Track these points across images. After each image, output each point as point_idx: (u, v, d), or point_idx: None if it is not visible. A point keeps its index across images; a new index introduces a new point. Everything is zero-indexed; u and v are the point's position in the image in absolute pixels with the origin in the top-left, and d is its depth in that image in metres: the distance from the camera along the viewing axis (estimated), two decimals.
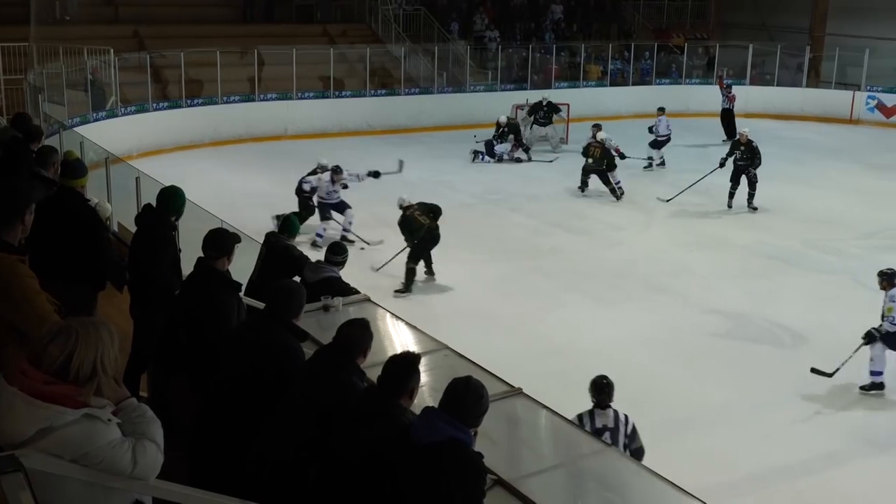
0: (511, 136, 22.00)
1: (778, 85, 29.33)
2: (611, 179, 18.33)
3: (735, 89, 25.42)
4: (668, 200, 17.79)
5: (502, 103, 24.80)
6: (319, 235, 14.85)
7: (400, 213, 13.43)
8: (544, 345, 11.09)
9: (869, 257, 14.77)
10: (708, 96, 27.23)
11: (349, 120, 24.61)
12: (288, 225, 8.26)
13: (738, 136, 16.93)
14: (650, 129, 21.36)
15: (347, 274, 7.94)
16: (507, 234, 15.85)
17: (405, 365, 4.18)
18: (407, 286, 12.77)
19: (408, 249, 13.07)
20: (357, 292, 7.00)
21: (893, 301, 10.32)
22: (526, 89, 26.84)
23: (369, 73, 25.38)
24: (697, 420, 9.34)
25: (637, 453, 6.85)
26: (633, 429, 6.96)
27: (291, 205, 14.59)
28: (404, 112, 25.27)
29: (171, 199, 6.56)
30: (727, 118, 24.86)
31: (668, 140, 21.28)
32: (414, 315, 6.58)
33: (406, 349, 5.24)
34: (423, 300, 11.98)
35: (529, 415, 5.17)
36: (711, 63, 29.85)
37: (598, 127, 19.33)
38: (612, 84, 28.77)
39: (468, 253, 14.57)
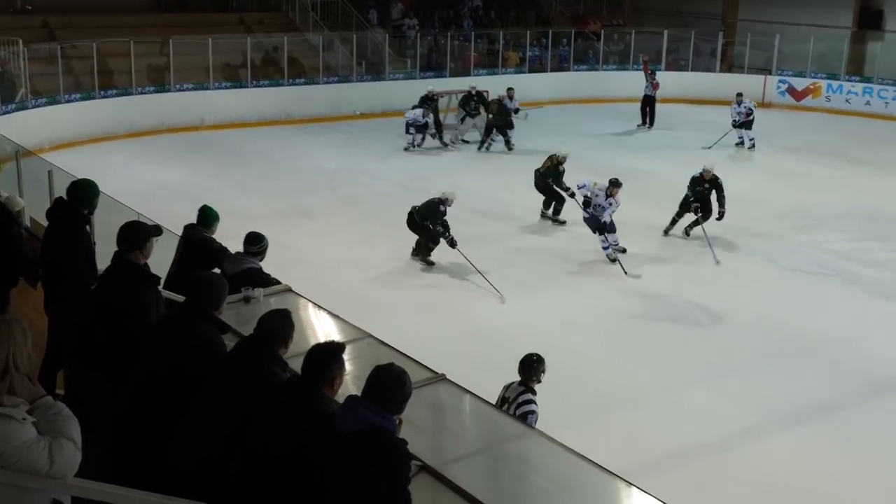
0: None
1: (692, 70, 29.85)
2: (508, 133, 21.42)
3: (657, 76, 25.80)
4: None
5: (422, 91, 24.73)
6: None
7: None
8: (469, 330, 11.15)
9: (784, 237, 15.19)
10: (624, 82, 27.63)
11: (267, 109, 24.34)
12: (205, 216, 8.14)
13: (702, 174, 15.10)
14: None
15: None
16: None
17: (327, 354, 4.16)
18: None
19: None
20: (278, 283, 6.94)
21: None
22: (445, 76, 26.88)
23: (287, 62, 25.14)
24: (618, 400, 9.48)
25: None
26: (524, 416, 6.65)
27: (210, 196, 14.32)
28: (323, 101, 25.09)
29: (83, 192, 6.42)
30: (648, 104, 25.20)
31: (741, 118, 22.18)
32: (336, 304, 6.54)
33: (329, 338, 5.23)
34: (344, 289, 11.91)
35: (453, 400, 5.19)
36: (628, 49, 30.21)
37: (511, 90, 21.78)
38: (531, 71, 28.94)
39: (388, 240, 14.54)
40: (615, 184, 13.70)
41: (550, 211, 16.18)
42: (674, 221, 15.26)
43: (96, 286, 5.64)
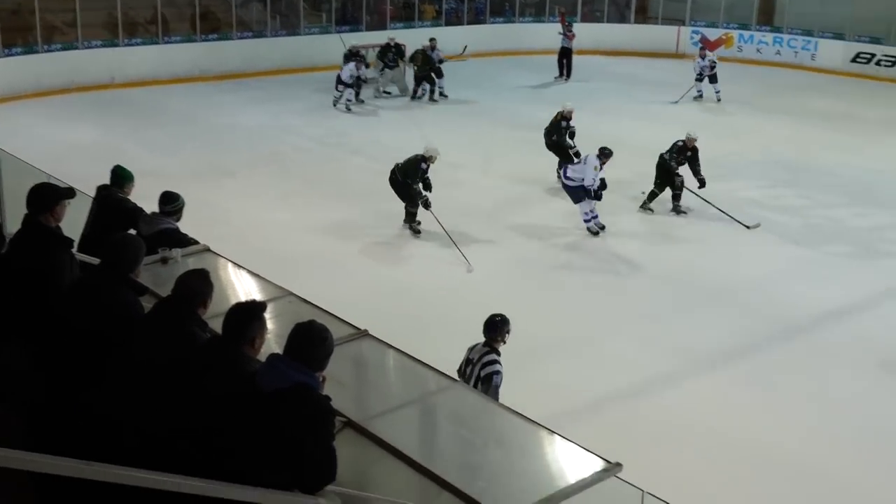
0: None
1: (608, 21, 30.03)
2: (436, 83, 21.76)
3: (551, 26, 25.93)
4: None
5: (338, 45, 24.48)
6: None
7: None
8: (391, 286, 11.16)
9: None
10: (540, 34, 27.67)
11: (179, 66, 23.75)
12: (119, 176, 7.95)
13: (685, 141, 14.37)
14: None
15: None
16: (349, 178, 15.77)
17: (247, 313, 4.13)
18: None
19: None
20: (196, 242, 6.85)
21: None
22: (361, 30, 26.59)
23: (199, 16, 24.56)
24: (541, 351, 9.59)
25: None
26: (488, 377, 6.68)
27: (123, 156, 14.03)
28: (238, 57, 24.60)
29: None
30: (565, 56, 25.30)
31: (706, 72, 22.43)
32: (256, 263, 6.48)
33: (250, 297, 5.19)
34: (265, 248, 11.81)
35: (376, 355, 5.20)
36: (544, 1, 30.21)
37: (434, 40, 22.20)
38: (448, 23, 28.77)
39: (309, 197, 14.46)
40: (606, 154, 13.05)
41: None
42: (653, 195, 14.31)
43: (6, 251, 5.49)
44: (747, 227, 13.50)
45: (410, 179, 12.97)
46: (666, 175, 14.16)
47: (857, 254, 12.75)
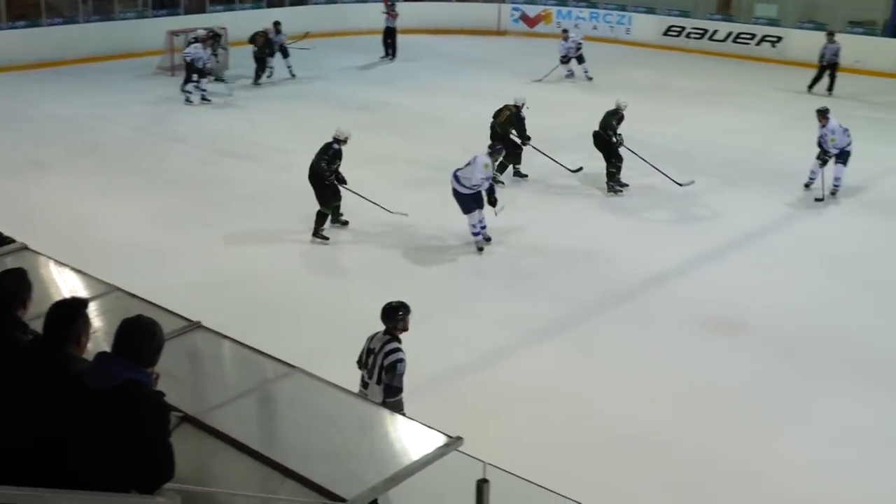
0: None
1: (430, 0, 30.19)
2: (267, 63, 21.68)
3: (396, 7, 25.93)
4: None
5: (156, 30, 23.76)
6: None
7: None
8: (223, 276, 10.94)
9: (525, 159, 15.75)
10: (365, 14, 27.60)
11: None
12: None
13: (617, 108, 14.76)
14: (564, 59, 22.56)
15: None
16: (173, 166, 15.35)
17: (70, 310, 3.98)
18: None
19: None
20: (12, 241, 6.53)
21: (833, 133, 14.01)
22: (179, 14, 25.84)
23: (5, 3, 23.30)
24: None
25: (388, 390, 6.66)
26: (392, 364, 6.65)
27: None
28: (49, 44, 23.47)
29: None
30: (390, 36, 25.33)
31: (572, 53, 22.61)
32: (79, 259, 6.23)
33: (75, 295, 4.99)
34: (87, 242, 11.37)
35: (211, 347, 5.11)
36: None
37: (278, 23, 22.16)
38: (270, 5, 28.28)
39: (133, 189, 14.01)
40: (498, 150, 12.56)
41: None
42: (612, 174, 14.50)
43: None
44: (680, 185, 14.18)
45: (324, 162, 12.19)
46: (608, 148, 14.49)
47: (675, 220, 13.33)
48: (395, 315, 6.84)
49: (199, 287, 10.17)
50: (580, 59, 22.90)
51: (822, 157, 14.23)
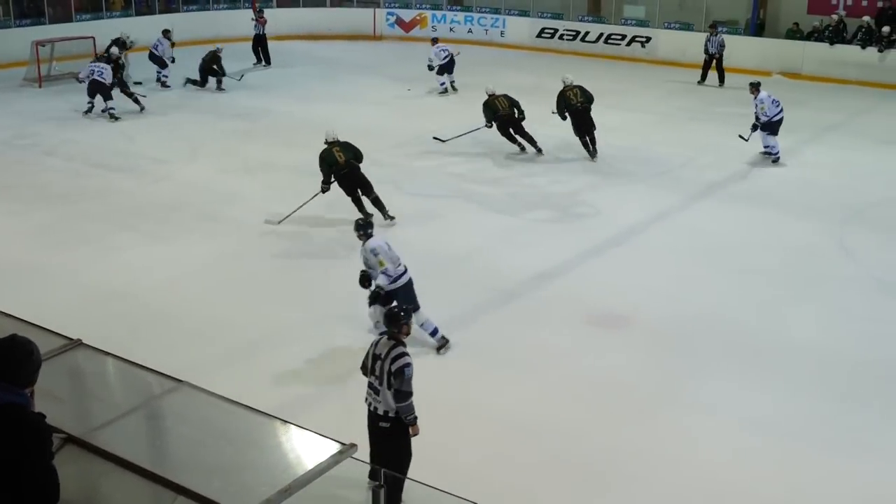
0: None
1: (304, 6, 30.03)
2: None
3: (264, 12, 25.71)
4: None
5: (19, 40, 22.94)
6: None
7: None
8: (102, 291, 10.64)
9: (404, 164, 15.84)
10: (236, 21, 27.26)
11: None
12: None
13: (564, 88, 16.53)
14: (430, 66, 21.88)
15: None
16: (44, 180, 14.85)
17: None
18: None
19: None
20: None
21: (762, 102, 15.76)
22: (45, 23, 25.04)
23: None
24: (264, 342, 9.51)
25: (397, 395, 6.60)
26: (400, 370, 6.57)
27: None
28: None
29: None
30: (259, 43, 25.11)
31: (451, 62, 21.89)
32: None
33: None
34: None
35: (93, 365, 4.97)
36: None
37: (167, 30, 22.46)
38: (139, 13, 27.64)
39: (4, 204, 13.51)
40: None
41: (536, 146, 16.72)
42: (586, 144, 16.36)
43: None
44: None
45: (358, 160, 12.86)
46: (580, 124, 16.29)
47: (556, 218, 13.54)
48: (399, 320, 6.85)
49: (78, 303, 9.89)
50: (449, 70, 22.14)
51: (755, 126, 16.09)
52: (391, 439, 6.66)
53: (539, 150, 16.47)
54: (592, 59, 26.93)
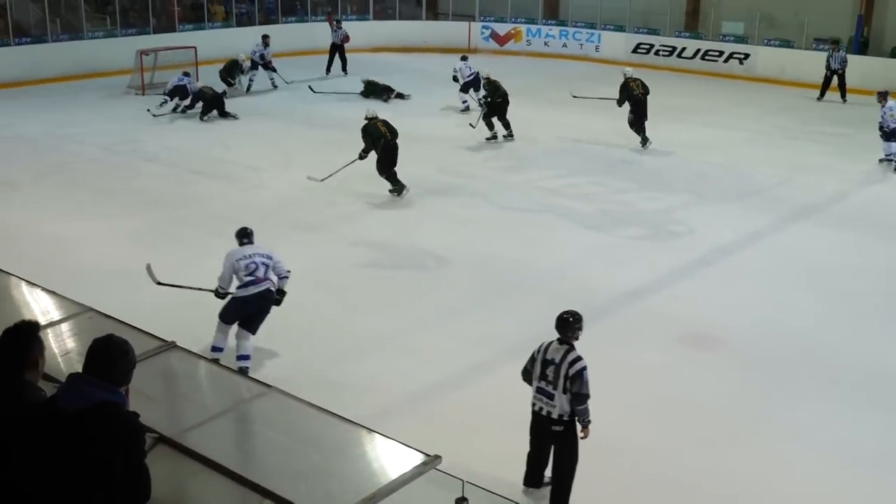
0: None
1: (399, 19, 30.29)
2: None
3: (360, 25, 26.00)
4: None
5: (125, 49, 23.66)
6: None
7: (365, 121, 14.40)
8: (196, 296, 10.84)
9: (496, 178, 15.84)
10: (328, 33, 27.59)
11: None
12: None
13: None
14: (454, 79, 21.70)
15: None
16: (142, 186, 15.24)
17: (19, 335, 3.89)
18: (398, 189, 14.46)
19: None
20: None
21: (891, 110, 16.27)
22: (149, 33, 25.77)
23: None
24: (354, 351, 9.58)
25: (577, 398, 6.80)
26: (578, 373, 6.79)
27: None
28: (17, 64, 23.27)
29: None
30: (338, 51, 25.66)
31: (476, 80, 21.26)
32: (51, 279, 6.17)
33: (48, 316, 4.94)
34: (58, 263, 11.25)
35: (186, 367, 5.06)
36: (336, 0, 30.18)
37: (266, 36, 23.39)
38: (239, 25, 28.26)
39: (103, 208, 13.90)
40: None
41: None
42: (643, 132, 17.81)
43: None
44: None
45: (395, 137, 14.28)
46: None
47: (649, 236, 13.38)
48: (573, 325, 7.03)
49: (173, 307, 10.07)
50: (476, 87, 21.35)
51: (882, 132, 16.52)
52: (564, 442, 6.90)
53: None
54: (688, 74, 26.60)
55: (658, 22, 28.14)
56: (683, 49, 27.42)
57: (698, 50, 27.18)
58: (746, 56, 26.34)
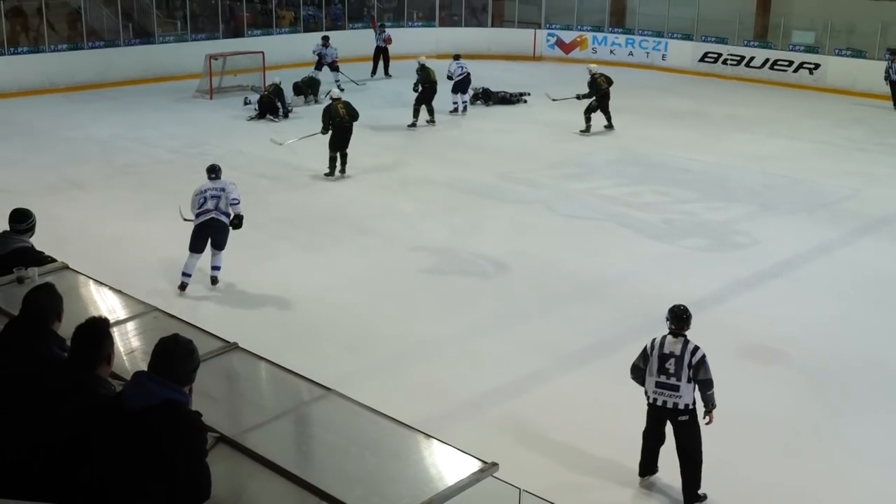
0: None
1: (465, 26, 30.35)
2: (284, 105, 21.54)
3: (426, 31, 26.09)
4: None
5: (195, 53, 24.05)
6: None
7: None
8: (258, 296, 10.99)
9: (557, 186, 15.79)
10: (400, 39, 27.72)
11: (27, 78, 22.89)
12: None
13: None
14: (448, 76, 21.68)
15: None
16: None
17: (93, 332, 3.99)
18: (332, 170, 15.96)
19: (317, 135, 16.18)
20: (53, 260, 6.60)
21: None
22: (218, 38, 26.17)
23: (47, 26, 23.69)
24: (412, 355, 9.63)
25: (704, 384, 7.23)
26: (702, 360, 7.19)
27: None
28: (90, 67, 23.81)
29: None
30: (382, 54, 26.10)
31: (465, 81, 21.74)
32: (118, 278, 6.30)
33: (114, 315, 5.04)
34: (125, 262, 11.48)
35: (248, 368, 5.11)
36: (402, 6, 30.33)
37: (326, 37, 24.41)
38: (307, 30, 28.57)
39: (170, 210, 14.01)
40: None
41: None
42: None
43: None
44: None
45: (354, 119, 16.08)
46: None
47: (711, 246, 13.23)
48: (687, 319, 7.40)
49: (234, 308, 10.23)
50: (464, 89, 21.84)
51: None
52: (691, 429, 7.25)
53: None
54: (756, 84, 26.27)
55: (726, 31, 27.78)
56: (752, 58, 27.07)
57: (767, 59, 26.81)
58: (817, 66, 25.91)
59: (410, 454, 4.49)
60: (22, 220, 7.21)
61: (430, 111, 20.07)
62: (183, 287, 10.83)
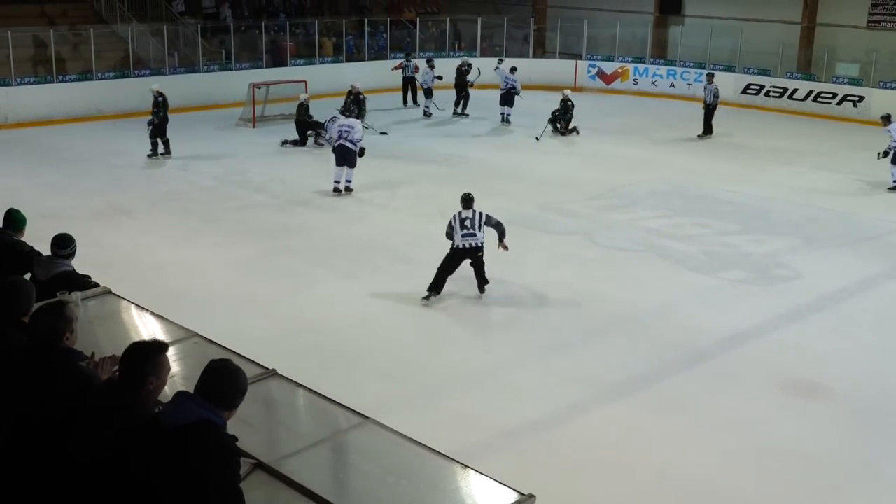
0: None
1: (507, 56, 30.44)
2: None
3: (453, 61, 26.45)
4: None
5: (238, 82, 24.37)
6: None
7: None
8: (297, 323, 11.04)
9: (598, 216, 15.74)
10: (442, 69, 27.86)
11: (76, 105, 23.34)
12: (13, 219, 7.75)
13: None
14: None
15: None
16: (250, 215, 15.61)
17: (142, 354, 4.04)
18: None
19: None
20: (96, 285, 6.68)
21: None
22: (262, 67, 26.51)
23: (95, 54, 24.13)
24: (449, 384, 9.60)
25: (499, 225, 11.65)
26: (485, 214, 11.57)
27: (19, 197, 13.62)
28: (135, 95, 24.13)
29: None
30: (410, 83, 26.63)
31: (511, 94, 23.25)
32: (159, 304, 6.35)
33: (154, 338, 5.07)
34: (167, 288, 11.59)
35: (285, 395, 5.13)
36: (444, 36, 30.55)
37: (430, 60, 26.67)
38: (349, 60, 28.86)
39: (212, 236, 14.26)
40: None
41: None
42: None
43: None
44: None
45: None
46: None
47: (753, 279, 13.10)
48: (471, 199, 11.71)
49: (273, 334, 10.27)
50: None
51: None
52: (481, 257, 11.75)
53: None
54: (799, 116, 26.12)
55: (769, 63, 27.66)
56: (795, 90, 26.91)
57: (810, 91, 26.64)
58: (861, 98, 25.70)
59: (447, 484, 4.47)
60: (64, 245, 7.31)
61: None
62: (336, 191, 16.73)
